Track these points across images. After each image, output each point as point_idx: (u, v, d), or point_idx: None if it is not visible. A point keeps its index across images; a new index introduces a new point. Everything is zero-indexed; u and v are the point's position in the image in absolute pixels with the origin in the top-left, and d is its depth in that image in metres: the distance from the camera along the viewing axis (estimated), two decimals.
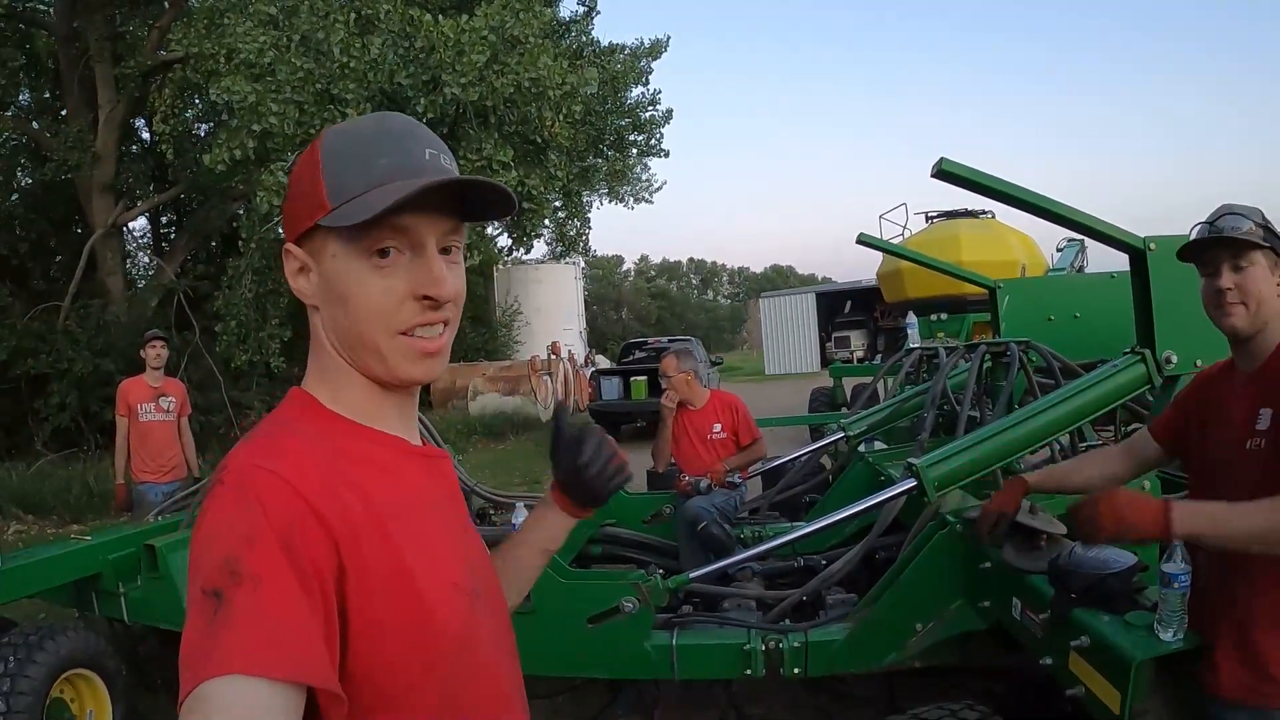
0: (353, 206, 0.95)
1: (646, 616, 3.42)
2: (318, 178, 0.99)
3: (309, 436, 0.97)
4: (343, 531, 0.90)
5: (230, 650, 0.77)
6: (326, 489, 0.91)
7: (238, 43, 10.83)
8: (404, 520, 0.98)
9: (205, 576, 0.82)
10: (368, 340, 1.00)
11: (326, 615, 0.86)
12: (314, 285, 1.02)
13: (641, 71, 20.00)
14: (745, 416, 5.46)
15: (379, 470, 1.00)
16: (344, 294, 0.99)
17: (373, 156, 0.98)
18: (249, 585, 0.81)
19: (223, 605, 0.80)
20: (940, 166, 3.22)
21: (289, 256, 1.03)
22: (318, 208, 0.98)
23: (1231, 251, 2.04)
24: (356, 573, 0.90)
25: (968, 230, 13.74)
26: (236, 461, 0.92)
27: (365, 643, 0.90)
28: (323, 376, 1.05)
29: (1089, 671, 2.16)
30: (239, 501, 0.87)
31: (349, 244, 0.97)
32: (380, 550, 0.93)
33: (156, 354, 6.50)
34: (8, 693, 3.51)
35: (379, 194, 0.94)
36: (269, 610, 0.81)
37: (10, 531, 9.79)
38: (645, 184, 24.90)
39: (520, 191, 12.80)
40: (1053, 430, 3.44)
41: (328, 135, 1.03)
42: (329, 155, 1.00)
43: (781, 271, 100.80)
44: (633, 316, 70.27)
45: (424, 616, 0.95)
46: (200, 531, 0.88)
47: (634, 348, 20.06)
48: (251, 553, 0.83)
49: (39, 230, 15.70)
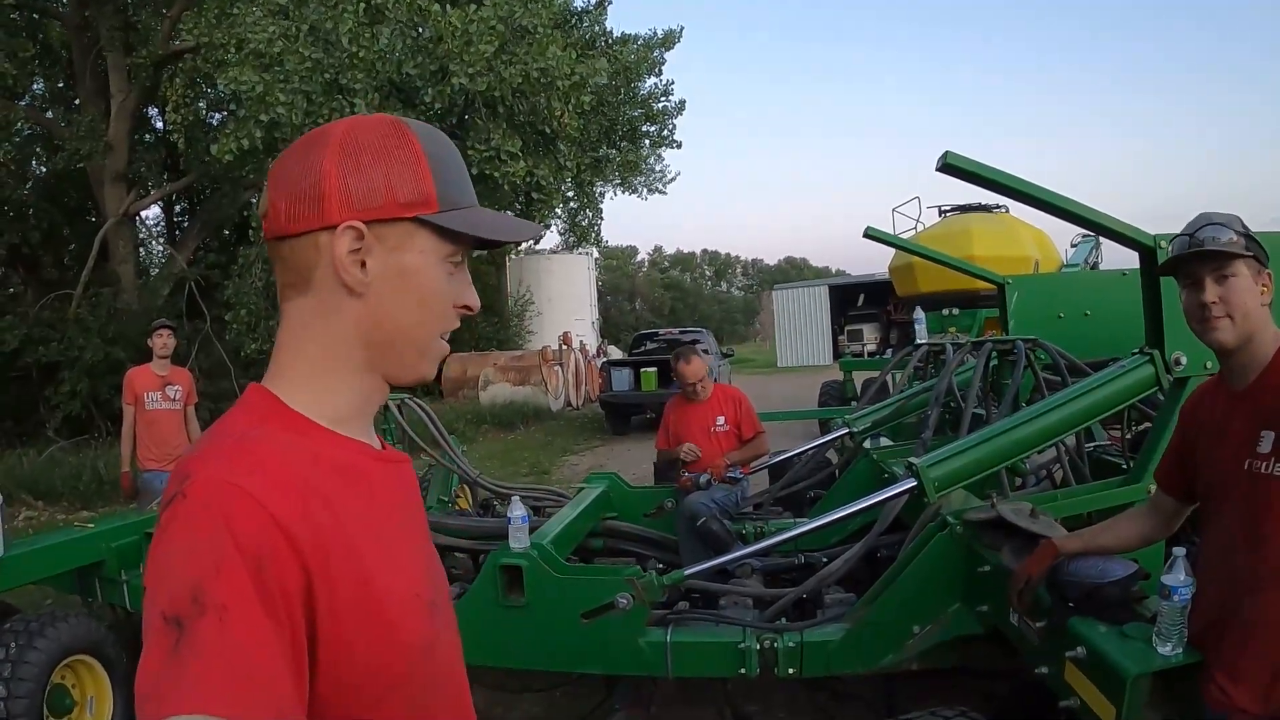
0: (467, 217, 1.00)
1: (641, 613, 3.39)
2: (424, 172, 0.97)
3: (278, 446, 0.92)
4: (313, 551, 0.85)
5: (194, 686, 0.73)
6: (297, 505, 0.86)
7: (247, 32, 10.81)
8: (371, 532, 0.94)
9: (166, 602, 0.77)
10: (418, 339, 1.01)
11: (295, 644, 0.82)
12: (371, 274, 0.96)
13: (654, 62, 19.96)
14: (748, 410, 5.42)
15: (347, 479, 0.96)
16: (424, 293, 0.99)
17: (464, 174, 1.03)
18: (214, 615, 0.76)
19: (185, 635, 0.75)
20: (945, 160, 3.16)
21: (350, 234, 0.94)
22: (422, 203, 0.97)
23: (1213, 264, 1.97)
24: (325, 596, 0.86)
25: (980, 225, 13.60)
26: (202, 473, 0.85)
27: (333, 663, 0.86)
28: (311, 373, 0.98)
29: (1084, 683, 2.11)
30: (205, 521, 0.81)
31: (440, 244, 0.99)
32: (348, 566, 0.89)
33: (164, 343, 6.49)
34: (9, 678, 3.54)
35: (477, 214, 1.01)
36: (235, 644, 0.76)
37: (21, 518, 9.84)
38: (659, 175, 24.93)
39: (529, 182, 12.77)
40: (1058, 431, 3.38)
41: (414, 127, 0.99)
42: (431, 152, 0.99)
43: (795, 264, 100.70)
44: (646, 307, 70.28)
45: (391, 631, 0.91)
46: (160, 549, 0.82)
47: (645, 339, 20.00)
48: (217, 579, 0.78)
49: (51, 219, 15.74)
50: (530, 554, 3.49)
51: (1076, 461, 4.07)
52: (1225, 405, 2.05)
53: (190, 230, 16.98)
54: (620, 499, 5.46)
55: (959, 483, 3.27)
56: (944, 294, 12.57)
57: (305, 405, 0.97)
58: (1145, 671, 1.95)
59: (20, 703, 3.53)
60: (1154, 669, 1.95)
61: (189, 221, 17.97)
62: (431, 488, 5.91)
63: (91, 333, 13.21)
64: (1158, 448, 3.09)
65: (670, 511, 5.39)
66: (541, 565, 3.48)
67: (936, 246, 10.47)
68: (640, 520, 5.41)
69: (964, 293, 12.00)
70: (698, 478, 5.05)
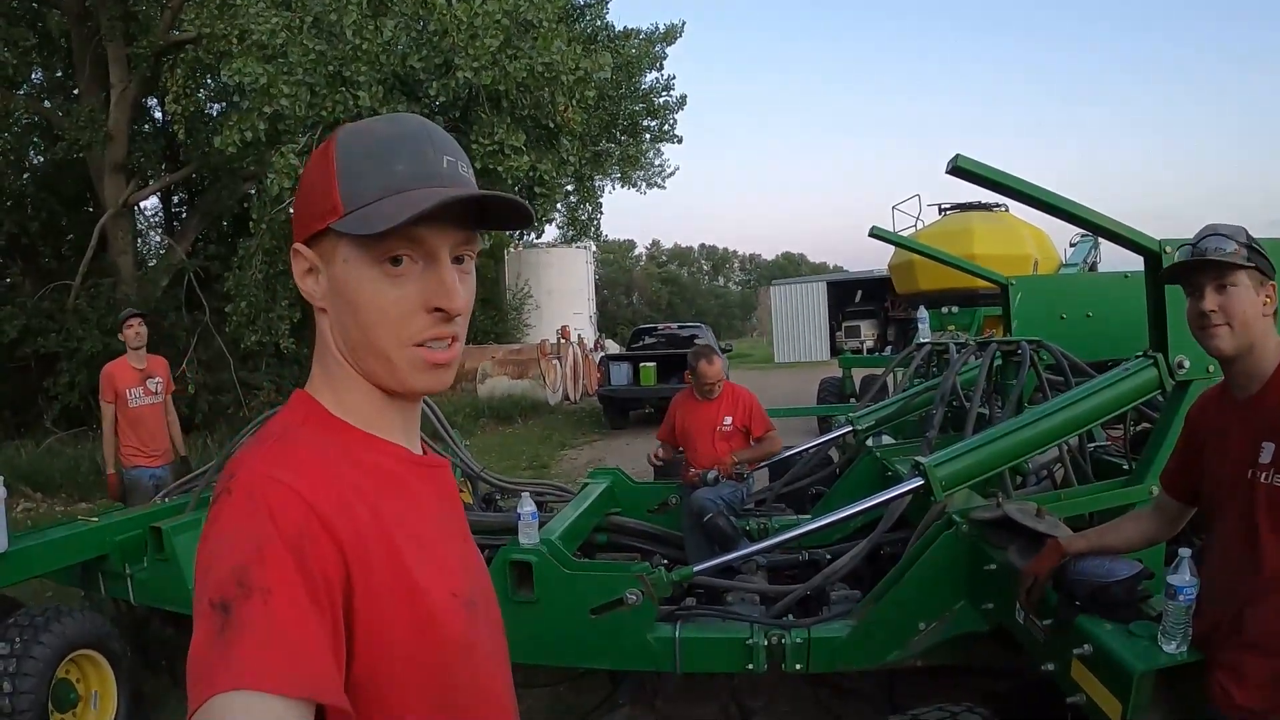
0: (368, 213, 0.93)
1: (650, 608, 3.43)
2: (331, 179, 0.96)
3: (317, 445, 0.96)
4: (351, 542, 0.89)
5: (241, 665, 0.76)
6: (335, 499, 0.90)
7: (250, 24, 10.75)
8: (408, 530, 0.97)
9: (214, 588, 0.81)
10: (377, 349, 0.98)
11: (335, 628, 0.85)
12: (323, 288, 1.00)
13: (656, 57, 19.91)
14: (759, 411, 5.43)
15: (385, 479, 0.99)
16: (354, 301, 0.97)
17: (389, 161, 0.96)
18: (259, 598, 0.80)
19: (231, 618, 0.79)
20: (955, 163, 3.19)
21: (297, 257, 1.01)
22: (330, 211, 0.96)
23: (1215, 273, 2.03)
24: (363, 584, 0.89)
25: (981, 223, 13.64)
26: (245, 470, 0.91)
27: (370, 654, 0.89)
28: (328, 381, 1.03)
29: (1090, 680, 2.16)
30: (248, 511, 0.86)
31: (361, 250, 0.95)
32: (386, 560, 0.92)
33: (135, 333, 6.18)
34: (13, 673, 3.54)
35: (396, 202, 0.92)
36: (279, 624, 0.79)
37: (19, 509, 9.83)
38: (658, 169, 24.88)
39: (532, 176, 12.75)
40: (1062, 432, 3.42)
41: (341, 135, 1.00)
42: (344, 157, 0.97)
43: (793, 259, 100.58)
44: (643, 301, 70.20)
45: (428, 626, 0.94)
46: (208, 541, 0.86)
47: (644, 333, 20.02)
48: (261, 564, 0.82)
49: (50, 209, 15.62)
50: (540, 550, 3.53)
51: (1079, 461, 4.11)
52: (1228, 413, 2.10)
53: (190, 221, 16.90)
54: (624, 494, 5.49)
55: (966, 482, 3.31)
56: (943, 292, 12.62)
57: (335, 408, 1.02)
58: (1151, 669, 2.00)
59: (25, 698, 3.54)
60: (1159, 667, 2.00)
61: (188, 213, 17.87)
62: None
63: (90, 324, 13.13)
64: (1160, 450, 3.14)
65: (674, 507, 5.42)
66: (551, 561, 3.51)
67: (937, 244, 10.51)
68: (644, 516, 5.45)
69: (963, 291, 12.05)
70: (704, 474, 5.08)
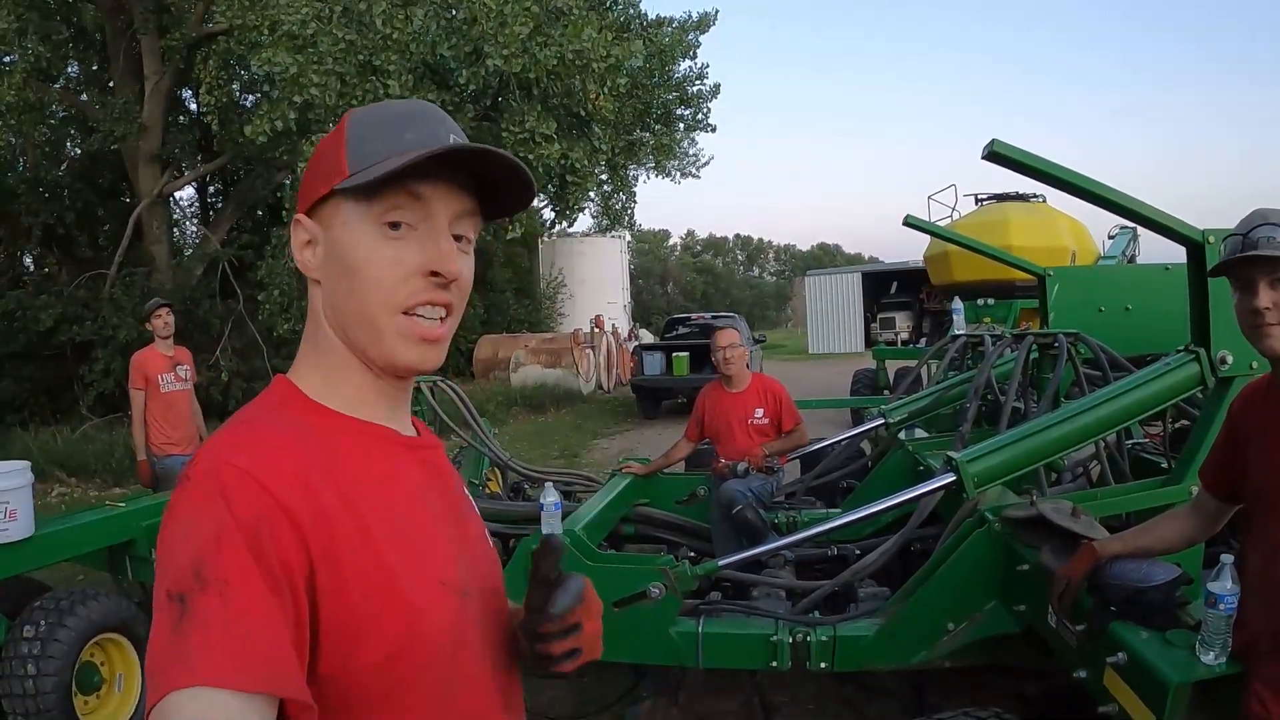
0: (371, 170, 0.94)
1: (673, 602, 3.38)
2: (340, 149, 0.97)
3: (285, 427, 0.93)
4: (314, 529, 0.85)
5: (197, 659, 0.74)
6: (298, 484, 0.86)
7: (280, 14, 10.82)
8: (388, 515, 0.94)
9: (171, 580, 0.79)
10: (367, 314, 0.96)
11: (296, 619, 0.82)
12: (319, 257, 0.99)
13: (689, 45, 19.81)
14: (788, 402, 5.33)
15: (362, 463, 0.96)
16: (350, 263, 0.96)
17: (399, 130, 0.97)
18: (215, 589, 0.77)
19: (188, 610, 0.77)
20: (991, 148, 3.12)
21: (298, 227, 1.01)
22: (335, 173, 0.96)
23: (1269, 267, 1.87)
24: (329, 572, 0.86)
25: (1017, 214, 13.40)
26: (206, 456, 0.88)
27: (338, 645, 0.86)
28: (317, 360, 1.01)
29: (1124, 690, 2.07)
30: (205, 500, 0.83)
31: (362, 209, 0.95)
32: (359, 548, 0.88)
33: (164, 323, 6.33)
34: (39, 656, 3.60)
35: (398, 160, 0.93)
36: (236, 616, 0.77)
37: (54, 494, 10.04)
38: (692, 159, 24.83)
39: (563, 165, 12.73)
40: (1099, 429, 3.34)
41: (354, 113, 1.01)
42: (354, 128, 0.98)
43: (828, 250, 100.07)
44: (678, 291, 70.14)
45: (409, 617, 0.91)
46: (165, 532, 0.84)
47: (677, 323, 19.95)
48: (218, 554, 0.79)
49: (86, 200, 15.93)
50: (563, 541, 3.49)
51: (1116, 459, 4.00)
52: (1273, 409, 1.98)
53: (224, 210, 17.11)
54: (652, 485, 5.45)
55: (999, 479, 3.24)
56: (979, 283, 12.43)
57: (319, 392, 0.99)
58: (1188, 681, 1.91)
59: (49, 680, 3.59)
60: (1197, 678, 1.92)
61: (222, 202, 18.11)
62: (462, 470, 5.91)
63: (125, 312, 13.34)
64: (1201, 449, 3.04)
65: (703, 499, 5.36)
66: (574, 553, 3.48)
67: (973, 235, 10.34)
68: (672, 507, 5.40)
69: (1000, 283, 11.87)
70: (734, 465, 5.00)
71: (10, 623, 3.74)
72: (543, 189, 16.71)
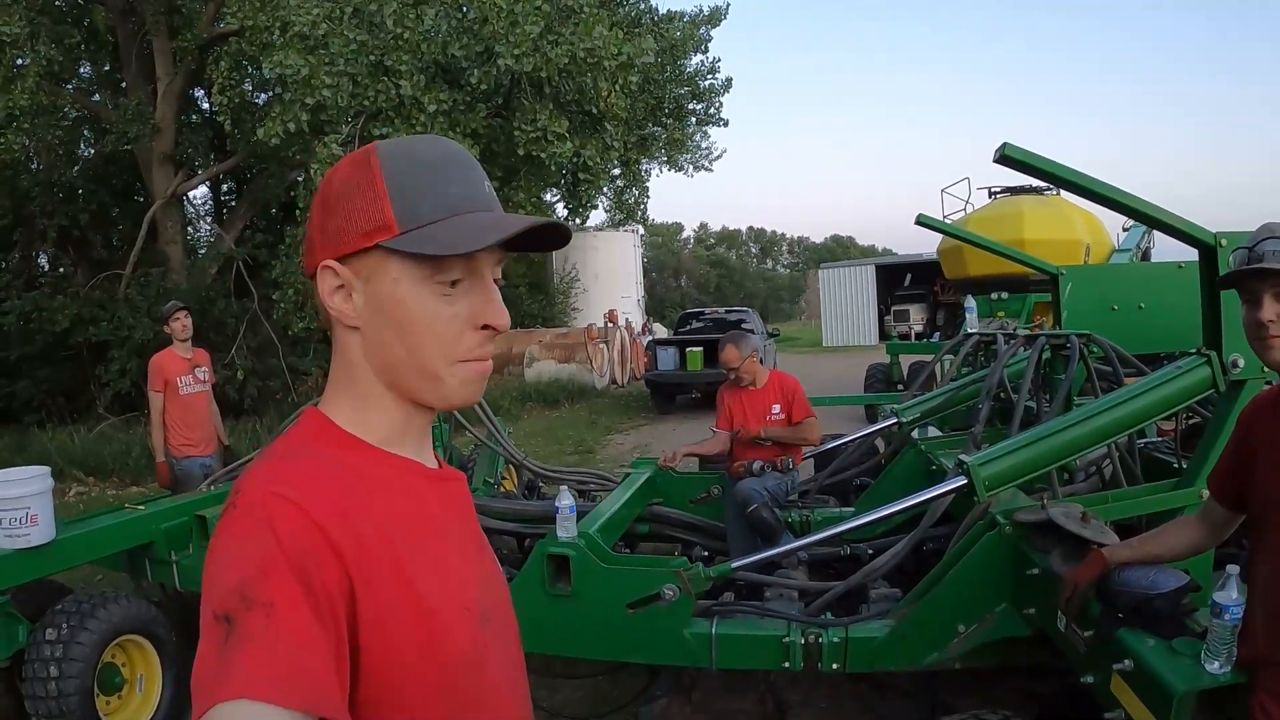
0: (434, 234, 0.94)
1: (686, 604, 3.41)
2: (381, 196, 0.96)
3: (323, 460, 0.96)
4: (355, 558, 0.89)
5: (243, 675, 0.76)
6: (339, 514, 0.90)
7: (291, 15, 10.81)
8: (417, 545, 0.97)
9: (218, 602, 0.82)
10: (426, 368, 0.98)
11: (339, 643, 0.85)
12: (358, 307, 0.99)
13: (700, 39, 19.75)
14: (800, 398, 5.34)
15: (393, 495, 0.99)
16: (403, 320, 0.97)
17: (443, 184, 0.97)
18: (261, 611, 0.80)
19: (235, 630, 0.79)
20: (1003, 152, 3.12)
21: (327, 273, 0.99)
22: (382, 228, 0.95)
23: (1275, 280, 1.89)
24: (368, 599, 0.89)
25: (1031, 207, 13.33)
26: (250, 485, 0.90)
27: (375, 670, 0.89)
28: (350, 398, 1.03)
29: (1130, 696, 2.09)
30: (252, 526, 0.86)
31: (417, 269, 0.96)
32: (393, 576, 0.92)
33: (183, 325, 6.38)
34: (60, 658, 3.66)
35: (458, 226, 0.94)
36: (282, 636, 0.80)
37: (72, 493, 10.14)
38: (705, 152, 24.74)
39: (576, 162, 12.72)
40: (1112, 432, 3.34)
41: (382, 150, 0.99)
42: (393, 173, 0.96)
43: (842, 242, 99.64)
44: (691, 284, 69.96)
45: (435, 642, 0.94)
46: (212, 555, 0.87)
47: (691, 318, 19.93)
48: (264, 578, 0.82)
49: (100, 201, 15.93)
50: (577, 544, 3.53)
51: (1127, 460, 4.00)
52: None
53: (238, 210, 17.14)
54: (666, 484, 5.47)
55: (1010, 482, 3.25)
56: (993, 278, 12.37)
57: (351, 425, 1.01)
58: (1193, 689, 1.93)
59: (71, 681, 3.65)
60: (1201, 687, 1.93)
61: (236, 201, 18.14)
62: (477, 469, 5.94)
63: (141, 312, 13.38)
64: (1212, 453, 3.04)
65: (717, 498, 5.39)
66: (588, 555, 3.51)
67: (987, 229, 10.31)
68: (686, 506, 5.43)
69: (1013, 277, 11.81)
70: (750, 464, 5.02)
71: (32, 626, 3.80)
72: (555, 186, 16.72)
